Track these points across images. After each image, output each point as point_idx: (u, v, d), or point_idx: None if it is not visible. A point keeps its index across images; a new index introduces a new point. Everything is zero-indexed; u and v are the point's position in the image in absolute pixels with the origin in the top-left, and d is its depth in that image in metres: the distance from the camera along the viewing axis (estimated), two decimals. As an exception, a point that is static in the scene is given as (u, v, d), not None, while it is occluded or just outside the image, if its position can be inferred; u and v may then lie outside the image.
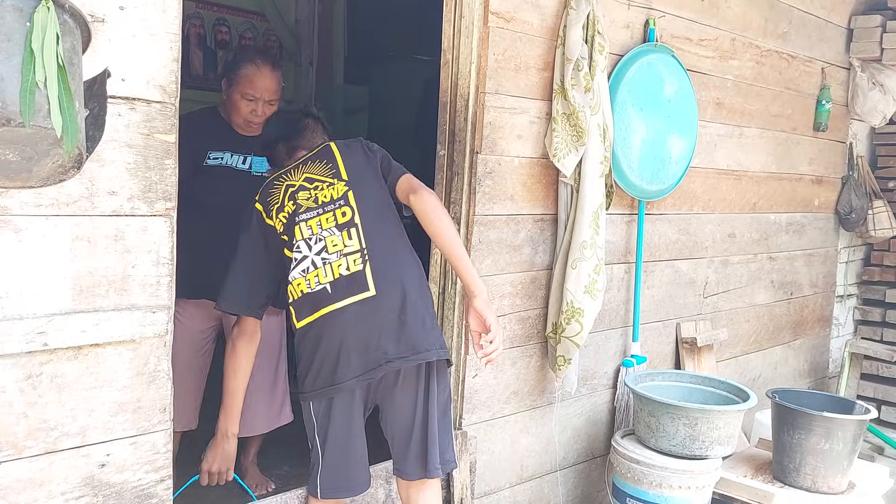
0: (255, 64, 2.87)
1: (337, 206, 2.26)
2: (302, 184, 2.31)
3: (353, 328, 2.14)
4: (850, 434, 3.21)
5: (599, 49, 2.93)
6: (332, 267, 2.18)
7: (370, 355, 2.14)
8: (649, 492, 2.97)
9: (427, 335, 2.19)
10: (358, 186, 2.29)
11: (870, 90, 4.65)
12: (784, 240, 4.46)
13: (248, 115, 2.87)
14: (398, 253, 2.27)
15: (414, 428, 2.24)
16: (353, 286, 2.16)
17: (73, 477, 1.86)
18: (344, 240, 2.21)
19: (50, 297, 1.77)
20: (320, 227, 2.23)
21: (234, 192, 2.68)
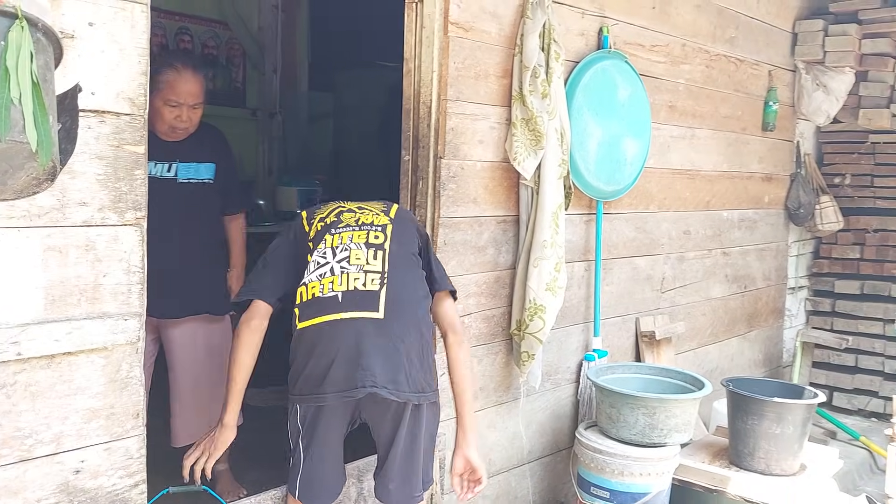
0: (176, 69, 2.80)
1: (372, 229, 2.33)
2: (352, 207, 2.41)
3: (351, 342, 2.15)
4: (799, 418, 3.36)
5: (555, 56, 3.03)
6: (348, 277, 2.22)
7: (357, 374, 2.13)
8: (612, 480, 3.08)
9: (413, 378, 2.20)
10: (398, 228, 2.36)
11: (814, 91, 4.83)
12: (737, 235, 4.61)
13: (173, 121, 2.81)
14: (416, 296, 2.29)
15: (397, 460, 2.27)
16: (364, 302, 2.19)
17: (48, 484, 1.89)
18: (368, 257, 2.25)
19: (23, 307, 1.81)
20: (350, 239, 2.29)
21: (161, 202, 2.50)
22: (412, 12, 2.84)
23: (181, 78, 2.78)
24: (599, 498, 3.12)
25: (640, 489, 3.08)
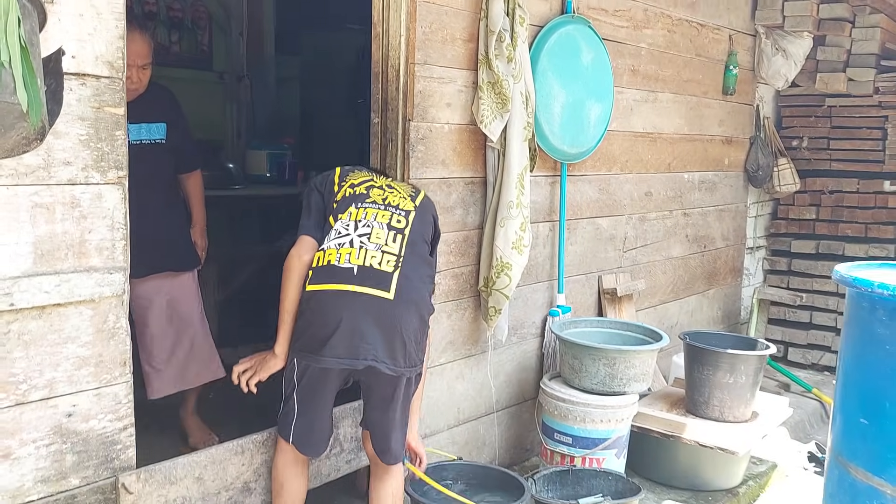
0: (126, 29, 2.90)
1: (396, 212, 2.47)
2: (382, 185, 2.54)
3: (357, 315, 2.28)
4: (752, 368, 3.56)
5: (520, 21, 3.13)
6: (366, 253, 2.34)
7: (360, 346, 2.28)
8: (574, 426, 3.26)
9: (410, 356, 2.37)
10: (420, 218, 2.50)
11: (773, 55, 4.99)
12: (697, 197, 4.78)
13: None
14: (422, 285, 2.45)
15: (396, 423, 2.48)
16: (377, 281, 2.32)
17: (43, 426, 2.01)
18: (388, 239, 2.39)
19: (14, 261, 1.91)
20: (375, 218, 2.42)
21: None
22: (381, -23, 2.92)
23: (129, 39, 2.79)
24: (562, 443, 3.30)
25: (601, 434, 3.26)
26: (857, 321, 2.17)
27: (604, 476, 3.12)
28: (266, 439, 2.59)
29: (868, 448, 2.06)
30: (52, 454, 2.04)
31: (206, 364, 3.35)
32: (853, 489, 2.10)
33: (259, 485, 2.58)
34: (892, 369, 1.99)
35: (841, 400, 2.22)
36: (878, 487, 2.00)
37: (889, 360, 1.99)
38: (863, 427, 2.09)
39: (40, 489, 2.03)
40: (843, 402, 2.20)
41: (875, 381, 2.06)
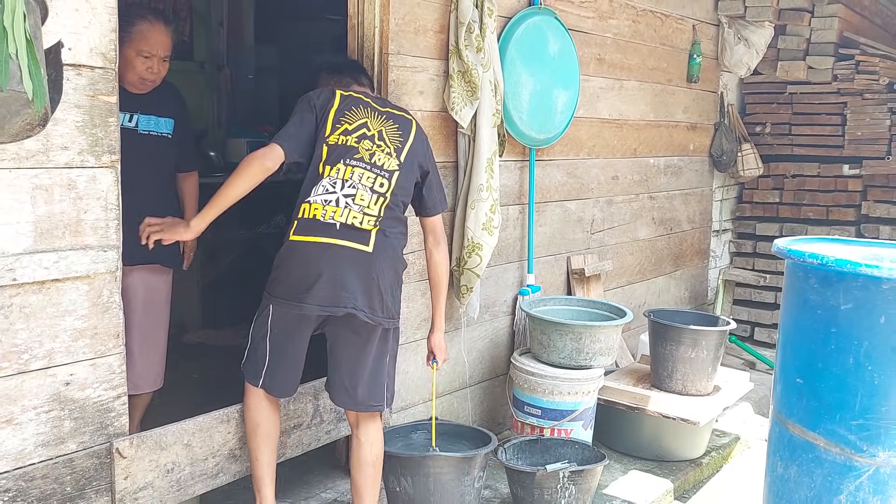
0: (149, 20, 2.90)
1: (380, 174, 2.61)
2: (374, 134, 2.65)
3: (338, 266, 2.49)
4: (713, 343, 3.77)
5: (489, 13, 3.30)
6: (349, 213, 2.53)
7: (339, 294, 2.49)
8: (543, 399, 3.45)
9: (387, 306, 2.59)
10: (404, 175, 2.66)
11: (736, 44, 5.19)
12: (663, 181, 4.98)
13: (144, 72, 2.88)
14: (397, 240, 2.65)
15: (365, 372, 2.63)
16: (356, 236, 2.53)
17: (43, 393, 2.16)
18: (370, 202, 2.57)
19: (16, 239, 2.06)
20: (360, 180, 2.57)
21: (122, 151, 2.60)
22: (356, -29, 3.07)
23: (154, 29, 2.89)
24: (532, 415, 3.48)
25: (568, 406, 3.45)
26: (792, 289, 2.37)
27: (570, 445, 3.31)
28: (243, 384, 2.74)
29: (803, 405, 2.26)
30: (51, 420, 2.19)
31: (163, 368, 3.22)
32: (791, 444, 2.29)
33: (244, 452, 2.74)
34: (822, 333, 2.18)
35: (780, 362, 2.42)
36: (812, 441, 2.20)
37: (819, 325, 2.19)
38: (798, 386, 2.29)
39: (41, 453, 2.18)
40: (782, 364, 2.40)
41: (808, 343, 2.25)
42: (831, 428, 2.14)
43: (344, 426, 3.08)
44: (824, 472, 2.13)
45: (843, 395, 2.10)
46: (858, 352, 2.07)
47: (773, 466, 2.35)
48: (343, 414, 3.00)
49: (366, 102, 2.72)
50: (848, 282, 2.09)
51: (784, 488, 2.27)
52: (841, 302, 2.09)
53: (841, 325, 2.11)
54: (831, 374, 2.14)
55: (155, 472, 2.46)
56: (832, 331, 2.13)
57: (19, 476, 2.13)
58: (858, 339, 2.08)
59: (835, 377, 2.13)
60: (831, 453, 2.13)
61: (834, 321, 2.13)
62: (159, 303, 3.18)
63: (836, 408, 2.13)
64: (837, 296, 2.10)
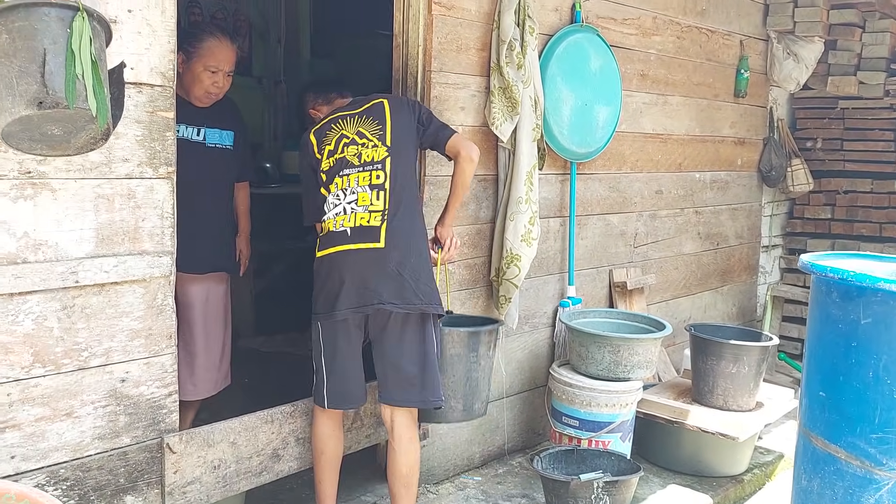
0: (217, 37, 3.05)
1: (374, 168, 2.76)
2: (354, 137, 2.81)
3: (357, 268, 2.67)
4: (755, 359, 3.76)
5: (530, 31, 3.39)
6: (356, 216, 2.71)
7: (363, 294, 2.66)
8: (581, 410, 3.50)
9: (418, 291, 2.69)
10: (396, 155, 2.80)
11: (785, 59, 5.17)
12: (709, 196, 4.99)
13: (210, 86, 3.03)
14: (413, 220, 2.79)
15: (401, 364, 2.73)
16: (367, 236, 2.69)
17: (101, 389, 2.32)
18: (372, 199, 2.72)
19: (80, 245, 2.22)
20: (357, 182, 2.75)
21: (190, 163, 2.75)
22: (401, -8, 3.20)
23: (221, 45, 3.05)
24: (570, 426, 3.54)
25: (606, 418, 3.50)
26: (816, 304, 2.39)
27: (607, 456, 3.35)
28: (293, 410, 2.88)
29: (825, 418, 2.28)
30: (107, 415, 2.34)
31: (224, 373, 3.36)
32: (814, 456, 2.31)
33: (287, 452, 2.87)
34: (843, 347, 2.20)
35: (806, 376, 2.43)
36: (833, 454, 2.21)
37: (841, 339, 2.21)
38: (821, 399, 2.31)
39: (97, 445, 2.33)
40: (808, 378, 2.41)
41: (830, 357, 2.27)
42: (852, 441, 2.15)
43: (383, 431, 3.18)
44: (845, 484, 2.15)
45: (863, 408, 2.11)
46: (878, 366, 2.09)
47: (798, 479, 2.37)
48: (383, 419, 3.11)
49: (335, 118, 2.88)
50: (868, 296, 2.12)
51: (808, 500, 2.28)
52: (861, 316, 2.11)
53: (861, 339, 2.13)
54: (852, 387, 2.16)
55: (202, 468, 2.60)
56: (853, 345, 2.15)
57: (77, 466, 2.28)
58: (878, 353, 2.10)
59: (855, 391, 2.14)
60: (852, 466, 2.14)
61: (854, 335, 2.15)
62: (223, 309, 3.34)
63: (856, 421, 2.14)
64: (858, 310, 2.12)
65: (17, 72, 1.75)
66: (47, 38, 1.78)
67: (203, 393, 3.25)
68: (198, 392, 3.22)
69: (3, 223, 2.08)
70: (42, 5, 1.78)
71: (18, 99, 1.75)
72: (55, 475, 2.24)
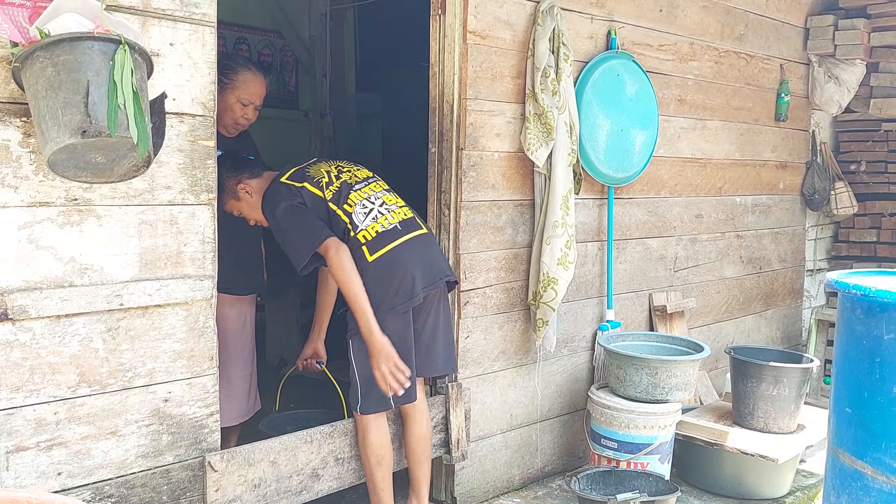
0: (253, 71, 3.17)
1: (375, 180, 3.04)
2: (340, 167, 3.01)
3: (420, 253, 2.91)
4: (795, 381, 3.71)
5: (565, 58, 3.44)
6: (395, 213, 2.95)
7: (432, 272, 2.93)
8: (619, 432, 3.48)
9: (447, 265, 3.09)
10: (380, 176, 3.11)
11: (826, 83, 5.13)
12: (751, 219, 4.94)
13: (240, 118, 3.14)
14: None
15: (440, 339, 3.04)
16: (412, 226, 2.95)
17: (144, 408, 2.40)
18: (394, 199, 3.01)
19: (124, 269, 2.32)
20: (373, 191, 2.98)
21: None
22: (436, 23, 3.29)
23: (256, 80, 3.18)
24: (608, 448, 3.52)
25: (644, 440, 3.47)
26: (843, 321, 2.38)
27: (644, 477, 3.32)
28: (332, 431, 2.94)
29: (852, 435, 2.25)
30: (150, 433, 2.42)
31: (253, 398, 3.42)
32: (842, 473, 2.28)
33: (326, 472, 2.91)
34: (868, 363, 2.19)
35: (834, 393, 2.41)
36: (860, 470, 2.18)
37: (865, 355, 2.19)
38: (848, 416, 2.28)
39: (141, 463, 2.41)
40: (835, 395, 2.39)
41: (856, 373, 2.26)
42: (877, 457, 2.12)
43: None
44: (872, 500, 2.11)
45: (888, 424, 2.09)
46: (902, 381, 2.06)
47: (828, 495, 2.34)
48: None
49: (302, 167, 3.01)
50: (890, 312, 2.11)
51: (837, 517, 2.25)
52: (884, 332, 2.09)
53: (884, 355, 2.11)
54: (877, 403, 2.13)
55: (243, 486, 2.65)
56: (876, 360, 2.13)
57: (121, 483, 2.36)
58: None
59: (879, 406, 2.12)
60: (878, 482, 2.11)
61: (878, 351, 2.13)
62: (253, 332, 3.43)
63: (881, 437, 2.12)
64: (881, 326, 2.11)
65: (63, 103, 1.86)
66: (91, 70, 1.88)
67: (237, 418, 3.29)
68: (232, 417, 3.23)
69: (51, 248, 2.19)
70: (86, 39, 1.89)
71: (63, 128, 1.86)
72: (100, 492, 2.32)
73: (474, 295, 3.39)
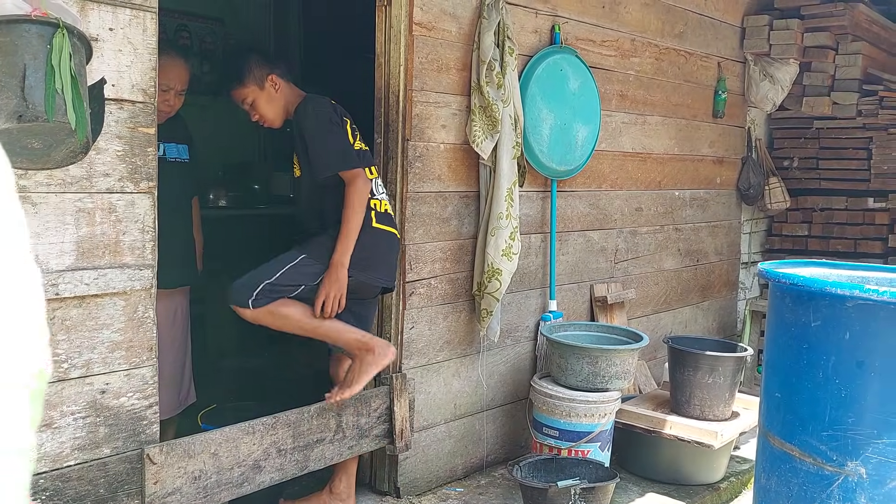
0: (170, 55, 3.05)
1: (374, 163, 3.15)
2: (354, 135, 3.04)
3: (396, 249, 3.09)
4: (730, 370, 3.82)
5: (509, 52, 3.48)
6: (386, 202, 3.06)
7: (392, 272, 3.09)
8: (561, 420, 3.54)
9: None
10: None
11: (761, 81, 5.28)
12: (689, 213, 5.07)
13: (160, 104, 3.02)
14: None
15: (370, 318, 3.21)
16: (394, 223, 3.07)
17: (80, 400, 2.35)
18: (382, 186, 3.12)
19: (60, 257, 2.26)
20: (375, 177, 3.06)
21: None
22: (381, 14, 3.28)
23: (174, 64, 3.10)
24: (550, 437, 3.58)
25: (585, 428, 3.54)
26: (773, 309, 2.49)
27: (585, 464, 3.39)
28: (275, 422, 2.91)
29: (780, 418, 2.36)
30: (87, 426, 2.37)
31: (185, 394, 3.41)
32: (772, 455, 2.38)
33: (268, 464, 2.89)
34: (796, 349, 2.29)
35: (764, 379, 2.52)
36: (789, 452, 2.28)
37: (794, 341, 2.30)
38: (777, 400, 2.38)
39: (77, 456, 2.36)
40: (766, 381, 2.50)
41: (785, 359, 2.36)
42: (805, 439, 2.22)
43: (366, 442, 3.22)
44: (800, 481, 2.20)
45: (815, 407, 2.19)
46: (827, 366, 2.16)
47: (758, 477, 2.43)
48: (366, 430, 3.15)
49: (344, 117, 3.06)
50: (817, 300, 2.20)
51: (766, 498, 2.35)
52: (811, 319, 2.18)
53: (811, 342, 2.20)
54: (804, 387, 2.23)
55: (183, 479, 2.62)
56: (804, 347, 2.22)
57: (56, 476, 2.31)
58: (826, 354, 2.17)
59: (807, 391, 2.21)
60: (805, 463, 2.20)
61: (805, 338, 2.22)
62: (187, 324, 3.39)
63: (808, 420, 2.21)
64: (808, 314, 2.20)
65: (-2, 86, 1.81)
66: (28, 53, 1.84)
67: (168, 412, 3.23)
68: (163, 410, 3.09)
69: (-14, 235, 2.12)
70: (23, 22, 1.84)
71: (-1, 113, 1.81)
72: (35, 485, 2.26)
73: (419, 286, 3.41)
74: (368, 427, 3.21)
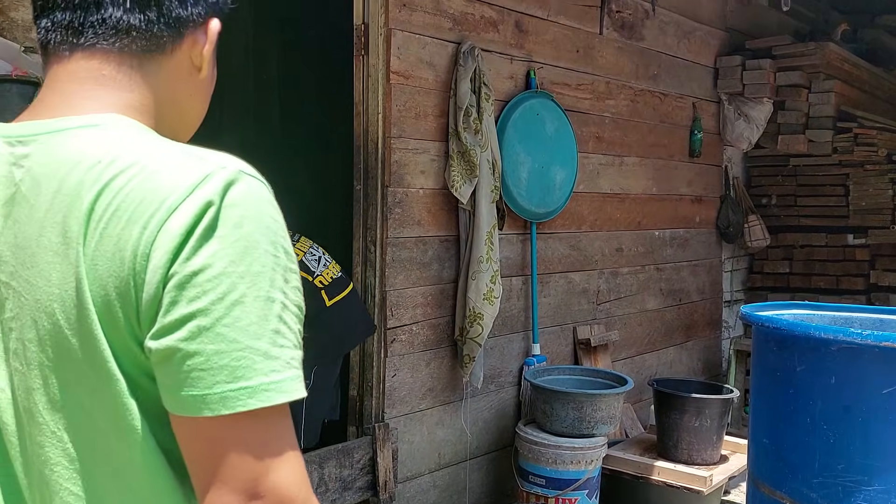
0: None
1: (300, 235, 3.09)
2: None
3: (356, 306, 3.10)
4: (716, 412, 3.80)
5: (486, 97, 3.50)
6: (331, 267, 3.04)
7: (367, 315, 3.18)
8: (547, 467, 3.49)
9: None
10: None
11: (736, 120, 5.35)
12: (669, 252, 5.08)
13: None
14: None
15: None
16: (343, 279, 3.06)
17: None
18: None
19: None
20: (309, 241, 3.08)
21: None
22: (359, 63, 3.30)
23: None
24: (536, 485, 3.52)
25: (572, 476, 3.49)
26: (757, 353, 2.47)
27: (573, 512, 3.34)
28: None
29: (769, 465, 2.32)
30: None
31: None
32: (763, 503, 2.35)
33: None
34: (782, 394, 2.27)
35: (752, 425, 2.49)
36: (780, 500, 2.25)
37: (779, 386, 2.27)
38: (766, 447, 2.35)
39: None
40: (754, 427, 2.47)
41: (772, 405, 2.33)
42: (795, 487, 2.19)
43: (349, 495, 3.16)
44: (792, 530, 2.18)
45: (804, 454, 2.16)
46: (814, 412, 2.14)
47: (751, 526, 2.39)
48: (349, 483, 3.09)
49: None
50: (801, 344, 2.19)
51: (758, 547, 2.31)
52: (796, 364, 2.17)
53: (798, 387, 2.19)
54: (792, 434, 2.20)
55: None
56: (790, 392, 2.20)
57: None
58: (813, 399, 2.16)
59: (795, 437, 2.19)
60: (797, 512, 2.17)
61: (791, 382, 2.21)
62: None
63: (798, 467, 2.18)
64: (793, 358, 2.18)
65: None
66: (9, 112, 1.81)
67: None
68: None
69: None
70: (4, 81, 1.85)
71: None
72: None
73: (401, 332, 3.37)
74: (351, 479, 3.15)
